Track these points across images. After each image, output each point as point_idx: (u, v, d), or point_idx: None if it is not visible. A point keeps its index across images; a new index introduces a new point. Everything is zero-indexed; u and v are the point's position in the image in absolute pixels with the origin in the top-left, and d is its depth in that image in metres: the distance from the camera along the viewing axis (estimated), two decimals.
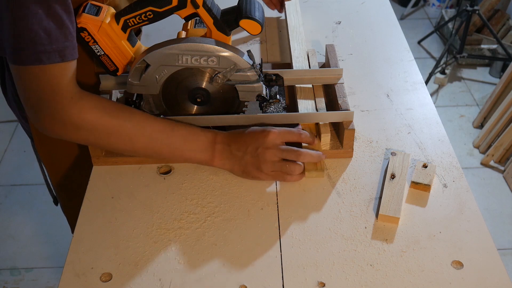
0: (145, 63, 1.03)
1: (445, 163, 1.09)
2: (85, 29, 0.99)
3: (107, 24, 1.00)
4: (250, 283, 0.88)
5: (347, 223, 0.97)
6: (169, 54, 1.01)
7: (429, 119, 1.20)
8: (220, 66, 1.02)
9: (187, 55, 1.01)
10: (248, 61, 1.03)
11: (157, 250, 0.94)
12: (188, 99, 1.09)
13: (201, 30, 1.09)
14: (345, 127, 1.07)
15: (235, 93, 1.07)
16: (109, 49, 1.02)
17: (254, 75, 1.04)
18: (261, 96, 1.07)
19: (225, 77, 1.04)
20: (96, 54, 1.03)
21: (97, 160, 1.09)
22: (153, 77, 1.04)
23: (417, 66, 1.37)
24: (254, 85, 1.05)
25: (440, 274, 0.89)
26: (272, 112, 1.11)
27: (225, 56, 1.01)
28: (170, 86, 1.07)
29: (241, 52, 1.04)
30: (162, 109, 1.10)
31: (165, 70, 1.03)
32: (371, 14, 1.58)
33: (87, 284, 0.89)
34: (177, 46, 1.01)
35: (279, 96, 1.12)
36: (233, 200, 1.02)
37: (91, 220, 0.99)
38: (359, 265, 0.91)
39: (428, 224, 0.97)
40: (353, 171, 1.08)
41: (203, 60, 1.01)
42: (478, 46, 3.27)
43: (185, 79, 1.06)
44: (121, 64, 1.05)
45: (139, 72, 1.04)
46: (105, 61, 1.04)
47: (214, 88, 1.07)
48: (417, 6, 3.97)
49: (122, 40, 1.03)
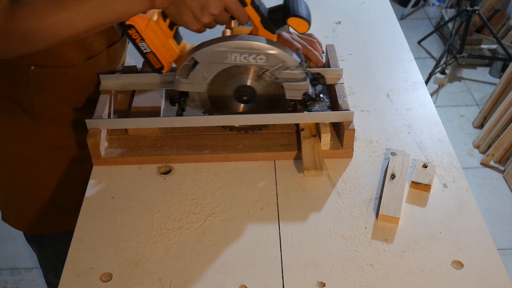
0: (193, 61, 1.03)
1: (445, 163, 1.09)
2: (132, 26, 0.99)
3: (155, 21, 1.00)
4: (250, 283, 0.88)
5: (347, 223, 0.97)
6: (219, 52, 1.01)
7: (429, 119, 1.20)
8: (268, 64, 1.02)
9: (236, 53, 1.01)
10: (296, 59, 1.03)
11: (157, 250, 0.94)
12: (233, 97, 1.09)
13: (247, 28, 1.09)
14: (345, 127, 1.07)
15: (281, 91, 1.07)
16: (155, 47, 1.03)
17: (301, 73, 1.04)
18: (307, 94, 1.07)
19: (273, 75, 1.04)
20: (143, 52, 1.03)
21: (97, 160, 1.09)
22: (201, 74, 1.04)
23: (417, 66, 1.37)
24: (301, 83, 1.05)
25: (440, 274, 0.89)
26: (317, 110, 1.11)
27: (274, 54, 1.01)
28: (216, 84, 1.07)
29: (289, 50, 1.04)
30: (207, 107, 1.10)
31: (213, 67, 1.03)
32: (371, 14, 1.58)
33: (87, 284, 0.89)
34: (226, 44, 1.01)
35: (323, 95, 1.13)
36: (233, 200, 1.02)
37: (91, 220, 0.99)
38: (359, 265, 0.91)
39: (428, 224, 0.97)
40: (353, 171, 1.08)
41: (252, 58, 1.01)
42: (478, 46, 3.28)
43: (232, 77, 1.06)
44: (167, 62, 1.06)
45: (187, 70, 1.04)
46: (151, 59, 1.04)
47: (261, 86, 1.08)
48: (417, 6, 3.97)
49: (168, 38, 1.03)
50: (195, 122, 1.10)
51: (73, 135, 1.21)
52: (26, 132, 1.19)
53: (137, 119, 1.10)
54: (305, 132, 1.10)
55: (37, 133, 1.20)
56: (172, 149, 1.10)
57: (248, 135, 1.13)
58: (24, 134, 1.20)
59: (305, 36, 1.28)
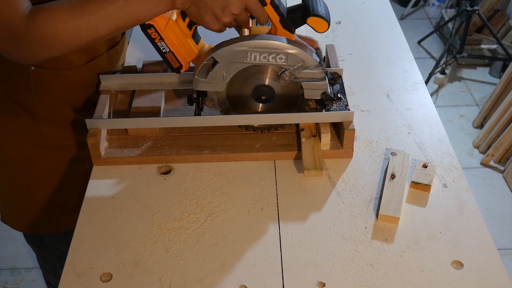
0: (213, 60, 1.03)
1: (445, 163, 1.09)
2: (152, 26, 0.99)
3: (174, 21, 1.00)
4: (250, 283, 0.88)
5: (347, 223, 0.97)
6: (238, 51, 1.01)
7: (429, 119, 1.20)
8: (288, 63, 1.02)
9: (256, 52, 1.01)
10: (316, 58, 1.03)
11: (157, 250, 0.94)
12: (252, 96, 1.09)
13: (265, 28, 1.09)
14: (345, 127, 1.07)
15: (299, 91, 1.07)
16: (174, 46, 1.03)
17: (320, 73, 1.04)
18: (326, 94, 1.07)
19: (292, 75, 1.04)
20: (162, 51, 1.03)
21: (97, 160, 1.09)
22: (220, 74, 1.04)
23: (417, 66, 1.37)
24: (320, 83, 1.05)
25: (440, 274, 0.89)
26: (334, 110, 1.11)
27: (293, 54, 1.01)
28: (235, 84, 1.07)
29: (309, 49, 1.04)
30: (226, 107, 1.10)
31: (232, 67, 1.03)
32: (371, 14, 1.58)
33: (87, 284, 0.89)
34: (246, 43, 1.00)
35: (341, 95, 1.13)
36: (233, 200, 1.02)
37: (91, 220, 0.99)
38: (359, 265, 0.91)
39: (428, 224, 0.97)
40: (353, 171, 1.08)
41: (272, 57, 1.01)
42: (478, 46, 3.28)
43: (251, 76, 1.06)
44: (185, 61, 1.06)
45: (206, 69, 1.04)
46: (170, 58, 1.04)
47: (279, 85, 1.07)
48: (417, 6, 3.97)
49: (187, 38, 1.03)
50: (195, 122, 1.10)
51: (73, 135, 1.22)
52: (26, 132, 1.19)
53: (137, 119, 1.10)
54: (305, 132, 1.10)
55: (37, 133, 1.20)
56: (172, 149, 1.10)
57: (248, 135, 1.13)
58: (24, 134, 1.20)
59: (306, 37, 1.28)
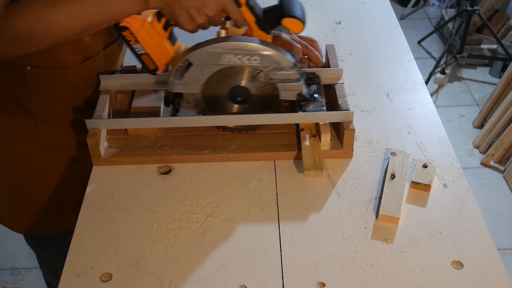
0: (187, 62, 1.03)
1: (445, 163, 1.09)
2: (127, 28, 0.99)
3: (149, 23, 1.00)
4: (250, 283, 0.88)
5: (347, 223, 0.97)
6: (213, 53, 1.01)
7: (429, 119, 1.20)
8: (262, 64, 1.02)
9: (231, 54, 1.01)
10: (291, 59, 1.03)
11: (157, 250, 0.94)
12: (228, 98, 1.09)
13: (242, 29, 1.09)
14: (345, 127, 1.07)
15: (275, 92, 1.07)
16: (150, 48, 1.02)
17: (295, 74, 1.04)
18: (302, 95, 1.07)
19: (267, 76, 1.04)
20: (137, 53, 1.03)
21: (97, 160, 1.09)
22: (195, 75, 1.04)
23: (417, 66, 1.37)
24: (295, 84, 1.05)
25: (440, 274, 0.89)
26: (311, 110, 1.11)
27: (268, 55, 1.01)
28: (211, 85, 1.07)
29: (284, 50, 1.04)
30: (202, 108, 1.10)
31: (207, 69, 1.03)
32: (371, 14, 1.58)
33: (87, 284, 0.89)
34: (221, 45, 1.01)
35: (318, 95, 1.13)
36: (233, 200, 1.02)
37: (91, 220, 0.99)
38: (359, 265, 0.91)
39: (428, 224, 0.97)
40: (353, 171, 1.08)
41: (246, 58, 1.01)
42: (478, 46, 3.28)
43: (226, 78, 1.06)
44: (161, 63, 1.05)
45: (181, 71, 1.04)
46: (145, 60, 1.04)
47: (255, 86, 1.08)
48: (417, 6, 3.97)
49: (163, 39, 1.03)
50: (196, 122, 1.10)
51: (72, 135, 1.21)
52: (24, 131, 1.19)
53: (137, 119, 1.10)
54: (305, 132, 1.10)
55: (35, 133, 1.20)
56: (172, 149, 1.10)
57: (249, 135, 1.13)
58: (23, 133, 1.19)
59: (305, 36, 1.28)
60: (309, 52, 1.24)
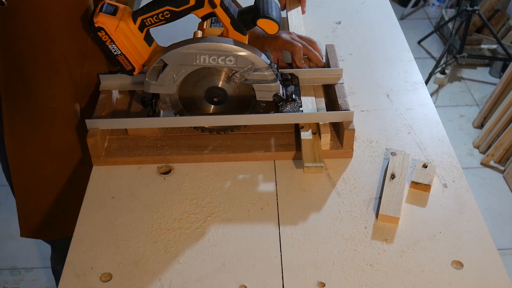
0: (162, 63, 1.03)
1: (445, 163, 1.09)
2: (102, 29, 0.99)
3: (125, 23, 1.00)
4: (250, 283, 0.88)
5: (347, 223, 0.97)
6: (187, 54, 1.01)
7: (429, 119, 1.20)
8: (238, 65, 1.03)
9: (205, 55, 1.01)
10: (266, 60, 1.04)
11: (157, 250, 0.94)
12: (204, 98, 1.10)
13: (218, 29, 1.09)
14: (345, 127, 1.07)
15: (251, 93, 1.07)
16: (126, 49, 1.02)
17: (271, 75, 1.04)
18: (278, 96, 1.07)
19: (243, 77, 1.04)
20: (113, 54, 1.03)
21: (97, 160, 1.09)
22: (170, 76, 1.04)
23: (417, 66, 1.37)
24: (271, 85, 1.05)
25: (440, 274, 0.89)
26: (288, 111, 1.11)
27: (243, 56, 1.01)
28: (187, 86, 1.07)
29: (259, 51, 1.04)
30: (179, 109, 1.10)
31: (182, 69, 1.03)
32: (371, 14, 1.58)
33: (87, 284, 0.89)
34: (195, 46, 1.01)
35: (295, 96, 1.13)
36: (233, 200, 1.02)
37: (91, 220, 0.99)
38: (359, 265, 0.91)
39: (428, 224, 0.97)
40: (353, 171, 1.08)
41: (221, 59, 1.02)
42: (478, 46, 3.28)
43: (202, 79, 1.07)
44: (138, 63, 1.06)
45: (156, 72, 1.04)
46: (122, 61, 1.04)
47: (231, 87, 1.08)
48: (417, 6, 3.97)
49: (139, 40, 1.03)
50: (195, 122, 1.10)
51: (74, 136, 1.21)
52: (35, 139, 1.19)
53: (137, 119, 1.10)
54: (305, 129, 1.10)
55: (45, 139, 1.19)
56: (172, 149, 1.10)
57: (248, 135, 1.13)
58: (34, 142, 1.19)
59: (304, 37, 1.28)
60: (309, 52, 1.24)
